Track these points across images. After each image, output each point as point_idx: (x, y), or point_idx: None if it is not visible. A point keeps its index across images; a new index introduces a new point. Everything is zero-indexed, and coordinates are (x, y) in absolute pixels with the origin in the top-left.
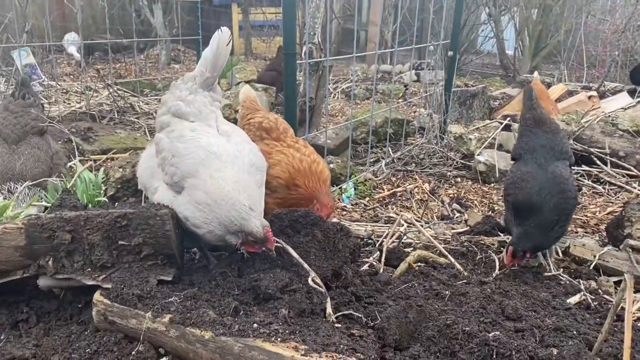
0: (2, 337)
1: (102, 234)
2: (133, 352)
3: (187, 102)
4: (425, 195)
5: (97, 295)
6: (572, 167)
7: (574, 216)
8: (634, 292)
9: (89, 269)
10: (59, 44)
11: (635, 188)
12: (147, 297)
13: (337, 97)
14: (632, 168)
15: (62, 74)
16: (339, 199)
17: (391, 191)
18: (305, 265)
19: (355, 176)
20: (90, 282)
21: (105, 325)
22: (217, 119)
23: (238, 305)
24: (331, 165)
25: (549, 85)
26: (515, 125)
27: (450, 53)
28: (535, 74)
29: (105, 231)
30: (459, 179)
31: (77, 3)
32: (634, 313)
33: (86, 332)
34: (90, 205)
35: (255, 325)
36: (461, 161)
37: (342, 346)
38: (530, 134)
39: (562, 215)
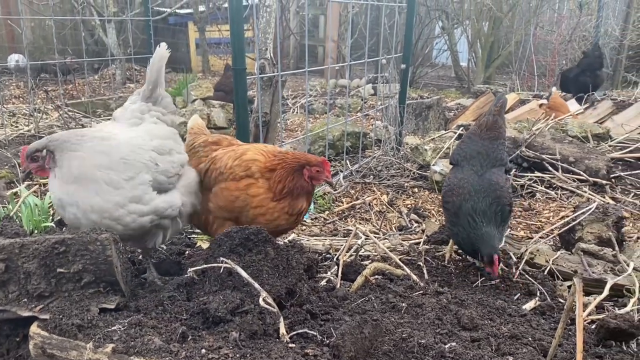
0: None
1: (38, 262)
2: None
3: (122, 109)
4: (384, 206)
5: (33, 327)
6: (509, 173)
7: (528, 222)
8: (588, 295)
9: (25, 300)
10: (2, 64)
11: (585, 192)
12: (88, 327)
13: (297, 112)
14: (581, 173)
15: (11, 97)
16: None
17: (350, 204)
18: (256, 285)
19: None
20: (27, 314)
21: (44, 358)
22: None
23: (186, 331)
24: None
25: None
26: None
27: (403, 66)
28: (553, 89)
29: (42, 258)
30: (416, 189)
31: (22, 24)
32: (587, 315)
33: None
34: (36, 231)
35: (203, 350)
36: (418, 172)
37: None
38: (469, 140)
39: (502, 218)
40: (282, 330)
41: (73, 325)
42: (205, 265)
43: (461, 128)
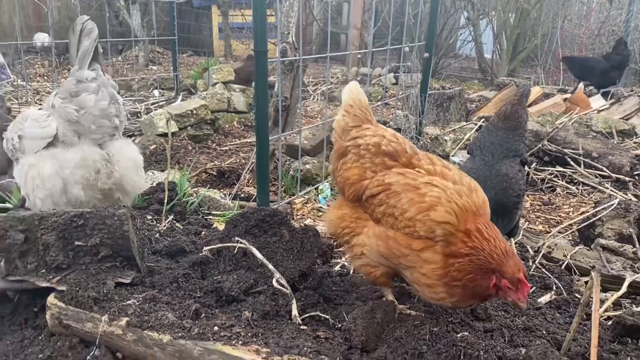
0: None
1: (57, 234)
2: (88, 357)
3: None
4: None
5: (51, 298)
6: (526, 165)
7: (547, 216)
8: (606, 291)
9: (43, 271)
10: (29, 42)
11: (607, 188)
12: (104, 300)
13: (317, 99)
14: (604, 169)
15: (36, 75)
16: (315, 200)
17: None
18: (270, 266)
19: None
20: (44, 284)
21: (60, 329)
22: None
23: (199, 308)
24: (307, 166)
25: None
26: None
27: (425, 55)
28: (581, 84)
29: (61, 231)
30: None
31: (49, 3)
32: (603, 311)
33: (40, 337)
34: None
35: (216, 328)
36: None
37: (305, 348)
38: (486, 130)
39: (505, 211)
40: (295, 312)
41: (89, 298)
42: (220, 245)
43: (482, 120)
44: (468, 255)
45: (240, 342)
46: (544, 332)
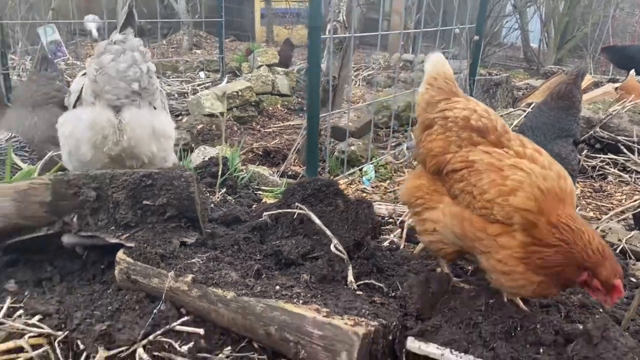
0: (25, 294)
1: (127, 193)
2: (155, 311)
3: None
4: None
5: (120, 254)
6: (578, 145)
7: (598, 203)
8: None
9: (113, 227)
10: (81, 21)
11: None
12: (170, 257)
13: (358, 85)
14: None
15: (86, 55)
16: (359, 181)
17: None
18: (328, 232)
19: (376, 159)
20: (114, 241)
21: (128, 284)
22: None
23: (260, 269)
24: (352, 148)
25: None
26: None
27: (475, 37)
28: (632, 72)
29: (130, 190)
30: None
31: None
32: None
33: (108, 291)
34: None
35: (277, 287)
36: None
37: (364, 310)
38: (538, 111)
39: None
40: (350, 277)
41: (156, 255)
42: (279, 210)
43: (531, 106)
44: (555, 247)
45: (301, 301)
46: (601, 310)
